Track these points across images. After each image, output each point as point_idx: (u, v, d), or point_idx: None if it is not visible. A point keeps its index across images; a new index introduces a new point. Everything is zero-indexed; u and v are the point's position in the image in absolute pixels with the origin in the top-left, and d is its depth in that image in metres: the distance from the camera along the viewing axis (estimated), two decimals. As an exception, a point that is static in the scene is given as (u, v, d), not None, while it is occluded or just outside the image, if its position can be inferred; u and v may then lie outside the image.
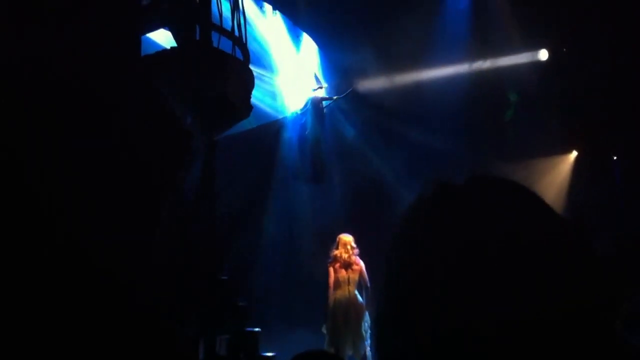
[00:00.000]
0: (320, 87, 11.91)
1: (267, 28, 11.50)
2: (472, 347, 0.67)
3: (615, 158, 11.91)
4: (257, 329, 8.56)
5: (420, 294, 0.71)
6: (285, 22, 11.91)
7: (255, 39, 10.15)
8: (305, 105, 11.97)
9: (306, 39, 12.22)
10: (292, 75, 12.11)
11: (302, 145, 12.06)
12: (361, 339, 7.75)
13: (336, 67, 12.22)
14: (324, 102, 11.91)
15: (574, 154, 12.66)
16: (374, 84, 12.03)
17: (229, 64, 5.21)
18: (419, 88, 12.01)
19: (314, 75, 12.35)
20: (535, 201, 0.75)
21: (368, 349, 7.77)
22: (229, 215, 10.74)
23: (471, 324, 0.67)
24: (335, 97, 12.02)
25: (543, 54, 12.07)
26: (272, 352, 8.40)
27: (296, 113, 12.30)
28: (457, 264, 0.70)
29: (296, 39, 12.22)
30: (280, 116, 12.42)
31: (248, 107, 5.51)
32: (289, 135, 12.41)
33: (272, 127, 12.32)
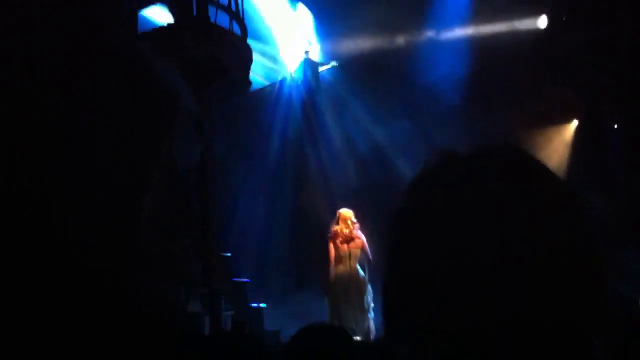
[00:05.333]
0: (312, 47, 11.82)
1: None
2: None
3: (616, 127, 11.84)
4: (262, 305, 8.64)
5: (424, 269, 0.70)
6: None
7: (251, 7, 10.01)
8: (300, 67, 11.81)
9: (301, 7, 12.12)
10: (287, 38, 11.95)
11: (301, 108, 11.98)
12: (363, 313, 7.78)
13: (331, 35, 12.09)
14: (319, 67, 11.75)
15: (575, 122, 12.60)
16: (372, 50, 11.88)
17: (225, 38, 5.17)
18: (417, 56, 11.93)
19: (306, 38, 12.22)
20: (544, 172, 0.73)
21: (372, 322, 7.81)
22: (230, 186, 10.73)
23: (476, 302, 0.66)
24: (332, 64, 11.83)
25: (542, 21, 11.96)
26: (276, 327, 8.49)
27: (290, 75, 12.18)
28: (462, 240, 0.68)
29: (293, 7, 12.12)
30: (275, 80, 12.23)
31: (247, 82, 5.49)
32: (286, 97, 12.28)
33: (268, 91, 12.20)
